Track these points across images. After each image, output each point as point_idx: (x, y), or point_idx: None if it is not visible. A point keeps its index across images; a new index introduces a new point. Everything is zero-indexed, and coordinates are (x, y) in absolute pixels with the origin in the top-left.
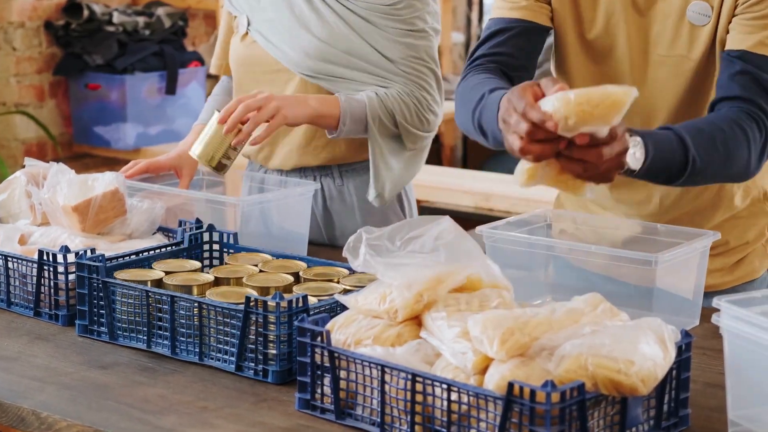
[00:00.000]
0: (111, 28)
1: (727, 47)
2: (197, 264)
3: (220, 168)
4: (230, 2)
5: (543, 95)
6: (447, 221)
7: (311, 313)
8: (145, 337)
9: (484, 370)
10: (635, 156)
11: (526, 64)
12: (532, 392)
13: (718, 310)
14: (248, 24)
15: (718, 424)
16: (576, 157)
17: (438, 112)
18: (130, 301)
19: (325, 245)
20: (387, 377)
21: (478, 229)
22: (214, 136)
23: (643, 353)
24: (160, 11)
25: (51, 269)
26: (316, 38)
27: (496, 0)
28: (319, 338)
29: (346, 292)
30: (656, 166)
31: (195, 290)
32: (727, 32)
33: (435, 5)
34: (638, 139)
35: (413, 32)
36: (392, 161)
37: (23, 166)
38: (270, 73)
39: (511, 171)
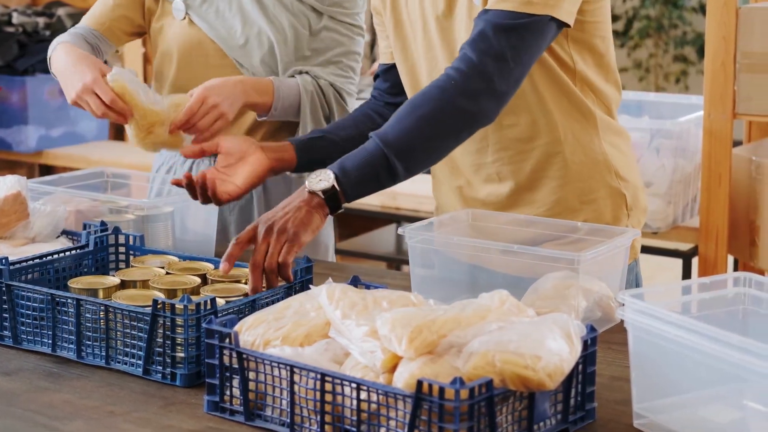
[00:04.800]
0: (10, 29)
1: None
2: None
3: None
4: None
5: None
6: None
7: (219, 314)
8: (50, 342)
9: (393, 369)
10: (319, 182)
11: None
12: (441, 389)
13: None
14: (186, 8)
15: (624, 416)
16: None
17: (353, 99)
18: (34, 304)
19: None
20: (296, 377)
21: (401, 229)
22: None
23: (550, 348)
24: (61, 11)
25: None
26: (242, 26)
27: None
28: (227, 340)
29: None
30: (364, 175)
31: (101, 293)
32: None
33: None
34: (327, 171)
35: (350, 26)
36: None
37: None
38: (216, 58)
39: None
